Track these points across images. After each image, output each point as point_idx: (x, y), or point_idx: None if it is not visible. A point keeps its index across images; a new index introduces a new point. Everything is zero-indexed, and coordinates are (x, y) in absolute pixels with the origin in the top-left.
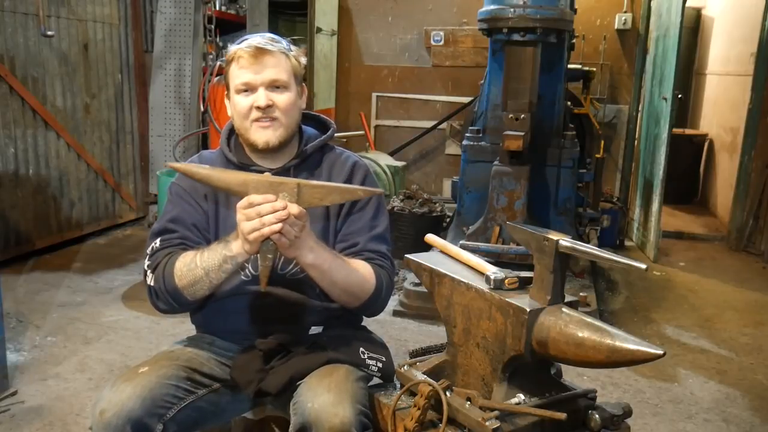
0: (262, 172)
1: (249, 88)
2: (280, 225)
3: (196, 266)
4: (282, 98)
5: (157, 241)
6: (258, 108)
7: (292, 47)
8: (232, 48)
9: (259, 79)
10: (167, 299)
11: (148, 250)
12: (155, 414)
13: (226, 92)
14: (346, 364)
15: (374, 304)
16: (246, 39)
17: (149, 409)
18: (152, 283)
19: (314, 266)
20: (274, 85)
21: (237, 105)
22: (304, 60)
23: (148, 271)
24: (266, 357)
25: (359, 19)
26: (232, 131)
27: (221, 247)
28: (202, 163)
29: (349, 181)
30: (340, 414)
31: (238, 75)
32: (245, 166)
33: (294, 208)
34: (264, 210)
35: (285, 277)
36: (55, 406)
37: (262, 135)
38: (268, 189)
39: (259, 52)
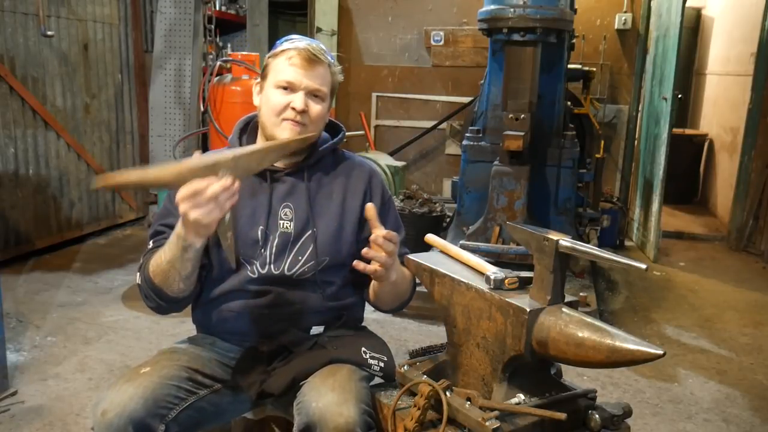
0: (275, 171)
1: (291, 87)
2: (232, 200)
3: (161, 261)
4: (317, 108)
5: (150, 242)
6: (293, 109)
7: (335, 62)
8: (285, 44)
9: (304, 83)
10: (152, 297)
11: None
12: (157, 414)
13: (259, 80)
14: (348, 364)
15: (407, 303)
16: (295, 39)
17: (151, 410)
18: (139, 282)
19: (393, 282)
20: (314, 93)
21: (272, 99)
22: (341, 78)
23: (138, 272)
24: (268, 358)
25: (359, 19)
26: (244, 129)
27: (176, 238)
28: None
29: (368, 187)
30: (344, 414)
31: (284, 71)
32: None
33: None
34: (214, 192)
35: (292, 278)
36: (55, 406)
37: (288, 134)
38: (206, 172)
39: (313, 57)
